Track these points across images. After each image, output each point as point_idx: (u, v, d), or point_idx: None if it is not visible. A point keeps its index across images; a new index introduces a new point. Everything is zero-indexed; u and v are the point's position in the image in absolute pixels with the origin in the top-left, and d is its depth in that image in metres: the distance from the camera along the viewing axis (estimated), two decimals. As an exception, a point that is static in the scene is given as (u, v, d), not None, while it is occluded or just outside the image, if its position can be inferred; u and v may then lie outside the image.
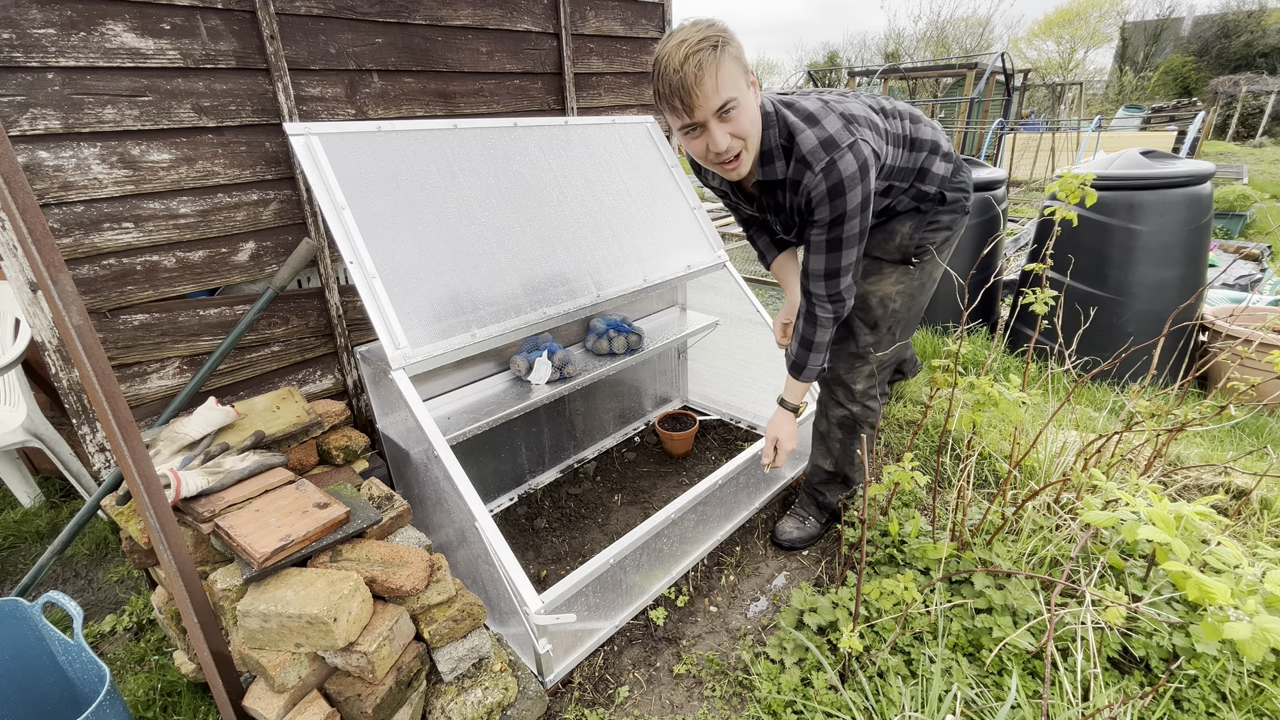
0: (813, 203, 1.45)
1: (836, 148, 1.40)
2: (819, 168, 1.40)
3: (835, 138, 1.41)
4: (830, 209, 1.44)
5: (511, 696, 1.43)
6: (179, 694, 1.61)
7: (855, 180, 1.41)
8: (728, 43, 1.28)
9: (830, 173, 1.40)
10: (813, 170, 1.41)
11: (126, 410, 1.03)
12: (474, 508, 1.48)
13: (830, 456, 1.93)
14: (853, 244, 1.50)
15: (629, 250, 2.18)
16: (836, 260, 1.52)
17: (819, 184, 1.41)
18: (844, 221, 1.46)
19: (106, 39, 1.55)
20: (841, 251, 1.51)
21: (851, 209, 1.43)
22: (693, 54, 1.26)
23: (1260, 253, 5.04)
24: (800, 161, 1.43)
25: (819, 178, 1.41)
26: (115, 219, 1.64)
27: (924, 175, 1.66)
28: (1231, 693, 1.36)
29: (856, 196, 1.42)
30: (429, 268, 1.73)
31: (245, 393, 1.95)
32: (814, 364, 1.69)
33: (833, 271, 1.54)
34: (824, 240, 1.50)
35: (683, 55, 1.27)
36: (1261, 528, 1.84)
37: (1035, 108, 19.12)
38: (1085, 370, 2.97)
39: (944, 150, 1.68)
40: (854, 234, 1.48)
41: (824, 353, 1.68)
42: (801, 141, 1.42)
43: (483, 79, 2.28)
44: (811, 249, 1.54)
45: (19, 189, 0.90)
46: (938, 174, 1.67)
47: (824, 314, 1.61)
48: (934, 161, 1.66)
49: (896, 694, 1.39)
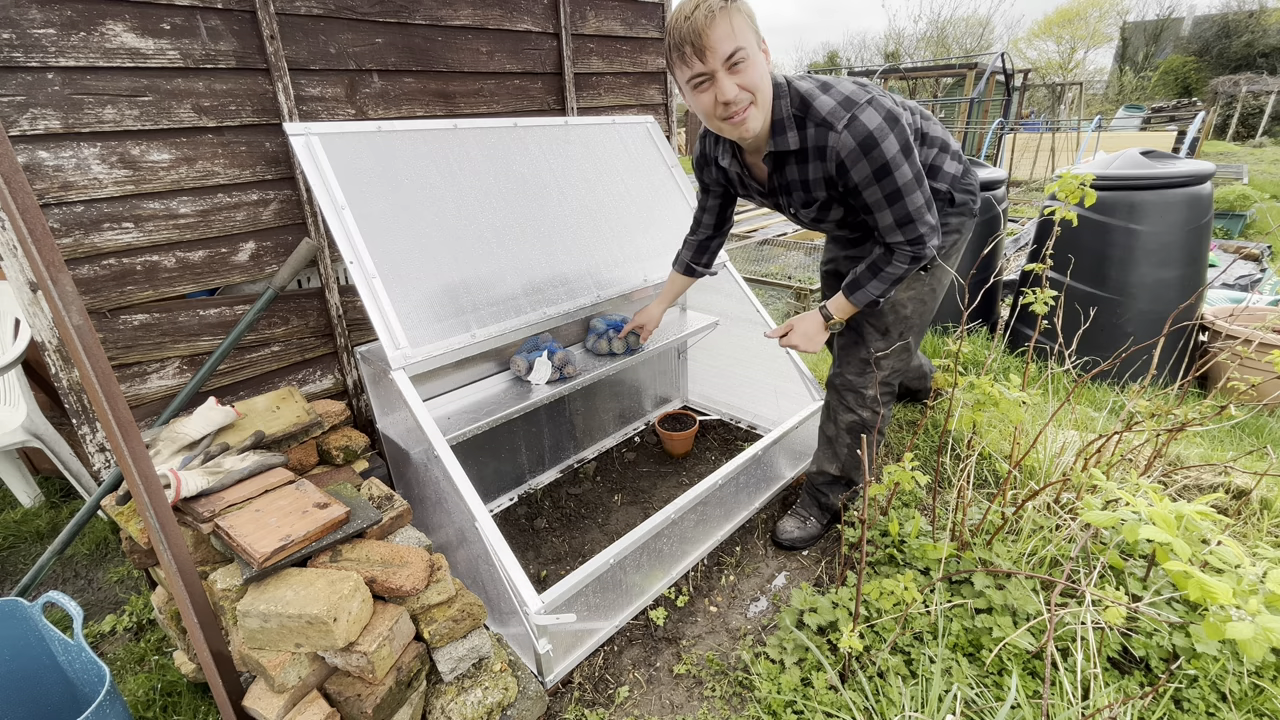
0: (847, 165, 1.41)
1: (855, 104, 1.38)
2: (841, 125, 1.37)
3: (852, 97, 1.39)
4: (869, 163, 1.39)
5: (511, 696, 1.43)
6: (179, 694, 1.61)
7: (885, 130, 1.37)
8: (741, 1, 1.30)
9: (855, 127, 1.37)
10: (835, 130, 1.38)
11: (126, 410, 1.03)
12: (474, 508, 1.48)
13: (837, 461, 1.92)
14: (912, 188, 1.44)
15: (629, 250, 2.18)
16: (903, 209, 1.46)
17: (846, 141, 1.38)
18: (891, 171, 1.40)
19: (106, 39, 1.55)
20: (905, 199, 1.45)
21: (893, 157, 1.39)
22: (704, 1, 1.28)
23: (1260, 253, 5.04)
24: (821, 125, 1.40)
25: (844, 135, 1.38)
26: (115, 219, 1.64)
27: (935, 173, 1.65)
28: (1231, 693, 1.36)
29: (893, 144, 1.38)
30: (429, 268, 1.73)
31: (245, 393, 1.94)
32: (872, 292, 1.62)
33: (904, 219, 1.48)
34: (880, 197, 1.45)
35: (695, 3, 1.29)
36: (1261, 528, 1.84)
37: (1035, 108, 19.12)
38: (1085, 370, 2.97)
39: (953, 149, 1.67)
40: (909, 179, 1.43)
41: (889, 286, 1.60)
42: (819, 105, 1.40)
43: (483, 79, 2.28)
44: (873, 208, 1.49)
45: (19, 189, 0.90)
46: (949, 173, 1.66)
47: (901, 256, 1.54)
48: (944, 160, 1.65)
49: (896, 694, 1.39)
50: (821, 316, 1.73)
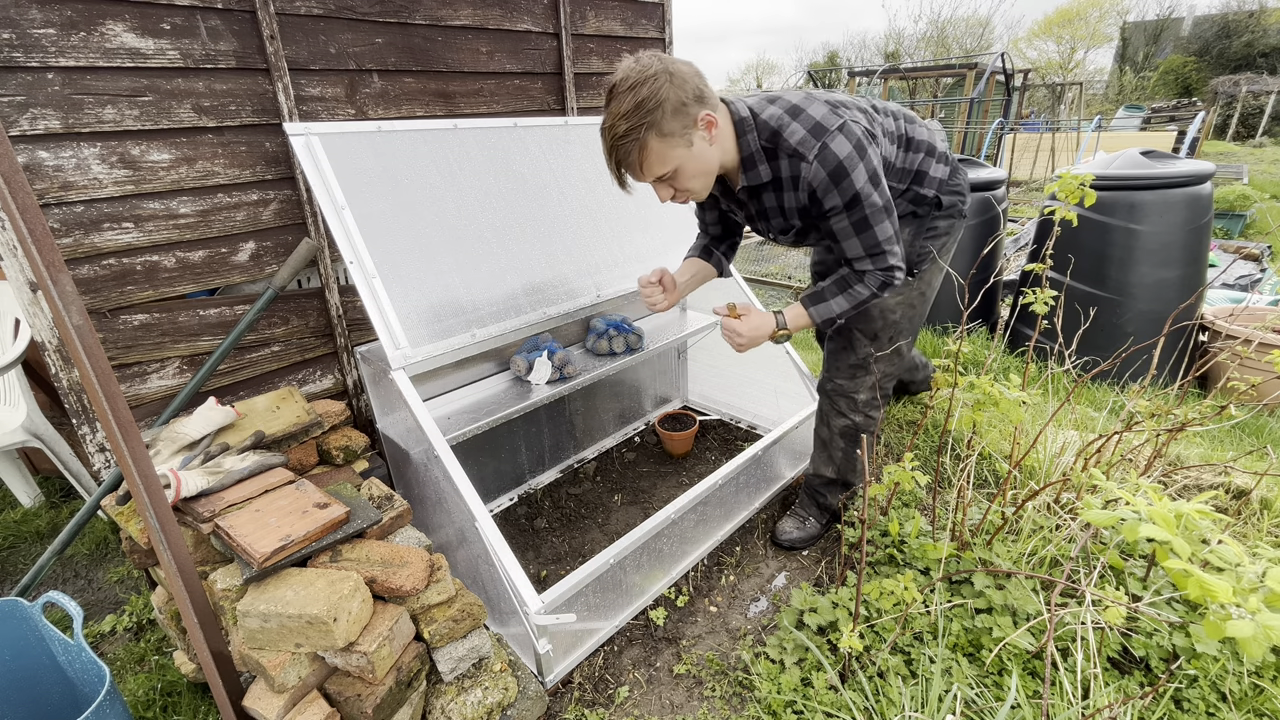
0: (819, 193, 1.42)
1: (826, 132, 1.37)
2: (813, 155, 1.37)
3: (823, 123, 1.38)
4: (839, 193, 1.40)
5: (511, 696, 1.43)
6: (179, 694, 1.61)
7: (855, 159, 1.37)
8: (655, 123, 1.28)
9: (825, 158, 1.37)
10: (807, 160, 1.38)
11: (126, 410, 1.03)
12: (474, 508, 1.48)
13: (833, 464, 1.93)
14: (880, 218, 1.44)
15: (629, 250, 2.18)
16: (872, 238, 1.46)
17: (817, 172, 1.38)
18: (860, 201, 1.41)
19: (106, 39, 1.55)
20: (873, 229, 1.45)
21: (862, 187, 1.39)
22: (619, 144, 1.31)
23: (1260, 253, 5.04)
24: (793, 156, 1.40)
25: (815, 166, 1.38)
26: (115, 219, 1.64)
27: (921, 178, 1.64)
28: (1231, 693, 1.36)
29: (862, 174, 1.38)
30: (429, 268, 1.73)
31: (245, 393, 1.95)
32: (834, 308, 1.59)
33: (873, 249, 1.48)
34: (848, 225, 1.46)
35: (609, 144, 1.33)
36: (1261, 527, 1.84)
37: (1035, 108, 19.12)
38: (1085, 370, 2.97)
39: (940, 152, 1.66)
40: (877, 208, 1.43)
41: (853, 307, 1.58)
42: (788, 135, 1.39)
43: (483, 79, 2.28)
44: (839, 237, 1.49)
45: (19, 189, 0.90)
46: (935, 177, 1.65)
47: (870, 281, 1.53)
48: (930, 164, 1.64)
49: (896, 694, 1.39)
50: (775, 323, 1.65)
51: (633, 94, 1.26)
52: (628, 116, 1.27)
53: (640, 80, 1.26)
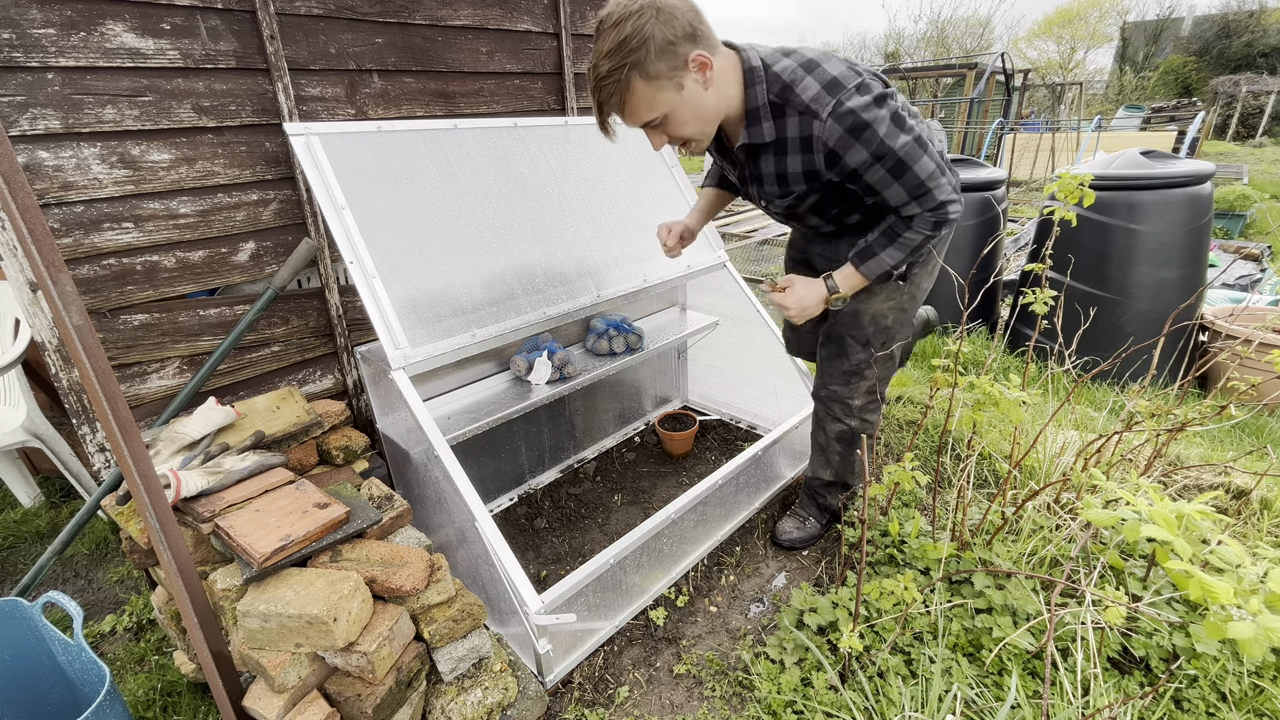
0: (839, 153, 1.29)
1: (841, 89, 1.26)
2: (827, 112, 1.26)
3: (840, 79, 1.27)
4: (864, 145, 1.27)
5: (511, 696, 1.43)
6: (179, 694, 1.61)
7: (873, 109, 1.25)
8: (639, 63, 1.19)
9: (842, 114, 1.25)
10: (820, 118, 1.27)
11: (126, 410, 1.03)
12: (474, 508, 1.48)
13: (830, 467, 1.92)
14: (917, 154, 1.30)
15: (629, 250, 2.18)
16: (913, 179, 1.32)
17: (833, 129, 1.27)
18: (889, 147, 1.28)
19: (106, 39, 1.55)
20: (912, 169, 1.31)
21: (887, 132, 1.26)
22: (602, 85, 1.22)
23: (1260, 253, 5.04)
24: (804, 113, 1.29)
25: (829, 123, 1.26)
26: (115, 219, 1.64)
27: None
28: (1231, 693, 1.36)
29: (884, 120, 1.26)
30: (429, 268, 1.73)
31: (245, 393, 1.94)
32: (887, 261, 1.45)
33: (917, 189, 1.34)
34: (885, 174, 1.32)
35: (592, 85, 1.24)
36: (1261, 528, 1.84)
37: (1035, 108, 19.12)
38: (1085, 370, 2.97)
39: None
40: (910, 146, 1.29)
41: (907, 254, 1.45)
42: (801, 91, 1.28)
43: (483, 79, 2.28)
44: (879, 187, 1.36)
45: (19, 189, 0.90)
46: None
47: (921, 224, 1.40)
48: None
49: (896, 694, 1.39)
50: (825, 288, 1.53)
51: (616, 30, 1.17)
52: (610, 56, 1.18)
53: (625, 16, 1.17)
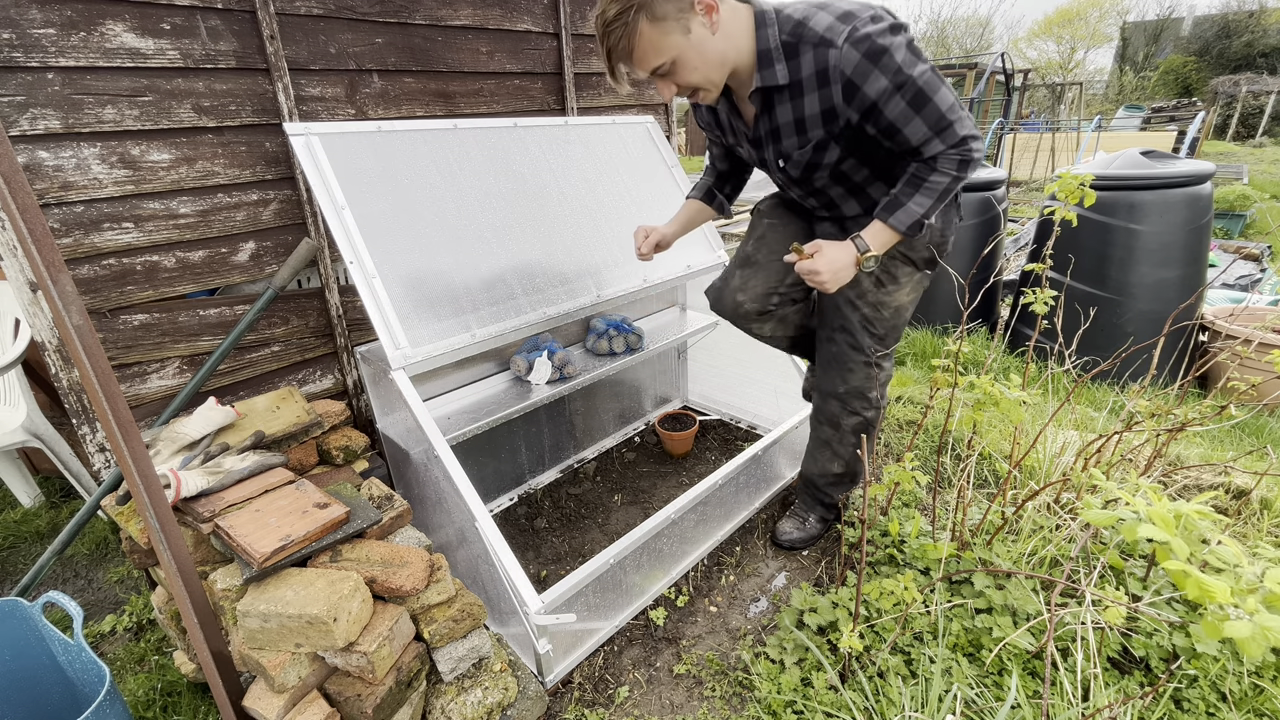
0: (857, 82, 1.27)
1: (856, 18, 1.25)
2: (842, 39, 1.25)
3: (854, 11, 1.27)
4: (882, 71, 1.25)
5: (511, 696, 1.43)
6: (179, 694, 1.61)
7: (889, 35, 1.24)
8: (646, 4, 1.20)
9: (859, 39, 1.24)
10: (836, 45, 1.25)
11: (126, 410, 1.03)
12: (474, 508, 1.49)
13: (839, 459, 1.88)
14: (936, 85, 1.27)
15: (629, 250, 2.18)
16: (934, 111, 1.29)
17: (849, 55, 1.25)
18: (908, 75, 1.25)
19: (106, 39, 1.55)
20: (932, 100, 1.28)
21: (904, 58, 1.25)
22: (609, 29, 1.23)
23: (1260, 253, 5.04)
24: (820, 45, 1.27)
25: (846, 49, 1.25)
26: (115, 219, 1.64)
27: None
28: (1231, 693, 1.36)
29: (901, 47, 1.24)
30: (429, 268, 1.73)
31: (245, 393, 1.95)
32: (915, 210, 1.39)
33: (939, 123, 1.30)
34: (904, 106, 1.28)
35: (600, 31, 1.26)
36: (1261, 527, 1.84)
37: (1035, 108, 19.12)
38: (1085, 370, 2.97)
39: None
40: (928, 76, 1.26)
41: (935, 200, 1.39)
42: (815, 24, 1.27)
43: (483, 79, 2.28)
44: (899, 123, 1.31)
45: (19, 189, 0.90)
46: None
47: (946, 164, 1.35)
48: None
49: (896, 694, 1.39)
50: (856, 248, 1.45)
51: None
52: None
53: None
